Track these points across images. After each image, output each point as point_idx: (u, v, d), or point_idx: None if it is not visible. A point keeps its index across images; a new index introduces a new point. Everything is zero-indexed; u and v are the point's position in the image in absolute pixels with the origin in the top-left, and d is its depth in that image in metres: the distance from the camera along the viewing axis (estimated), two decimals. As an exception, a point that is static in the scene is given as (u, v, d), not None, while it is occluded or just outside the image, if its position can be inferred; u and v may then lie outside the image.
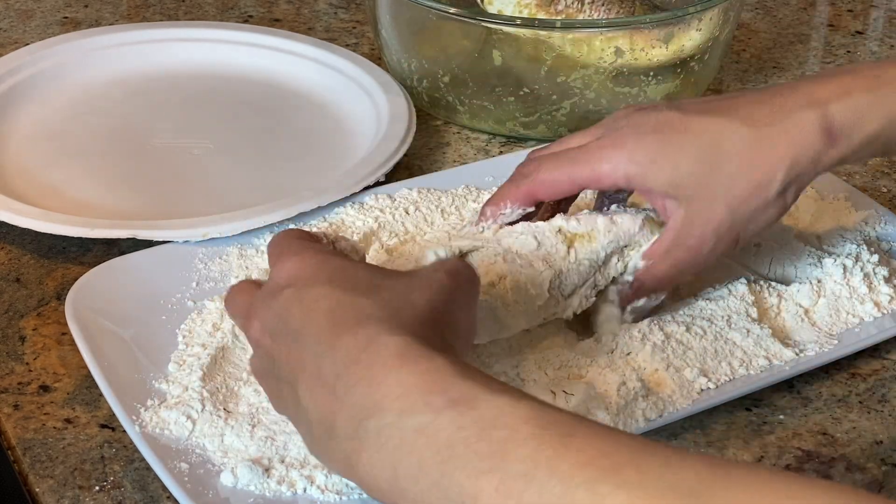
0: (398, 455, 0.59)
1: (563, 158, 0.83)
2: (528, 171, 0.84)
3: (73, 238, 0.96)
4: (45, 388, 0.85)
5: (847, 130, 0.80)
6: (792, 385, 0.86)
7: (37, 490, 0.78)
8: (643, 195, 0.84)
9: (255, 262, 0.92)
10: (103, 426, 0.82)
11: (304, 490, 0.75)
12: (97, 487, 0.78)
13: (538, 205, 0.85)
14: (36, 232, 0.96)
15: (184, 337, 0.86)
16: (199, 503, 0.73)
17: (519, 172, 0.85)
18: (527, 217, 0.84)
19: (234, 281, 0.90)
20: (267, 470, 0.76)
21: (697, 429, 0.83)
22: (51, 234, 0.96)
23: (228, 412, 0.79)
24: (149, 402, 0.80)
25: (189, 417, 0.79)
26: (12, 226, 0.96)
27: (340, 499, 0.75)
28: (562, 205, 0.88)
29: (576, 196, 0.87)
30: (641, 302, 0.84)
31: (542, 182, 0.83)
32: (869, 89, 0.80)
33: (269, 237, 0.94)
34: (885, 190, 1.08)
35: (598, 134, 0.83)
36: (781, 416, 0.84)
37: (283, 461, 0.76)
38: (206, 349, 0.84)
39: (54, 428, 0.82)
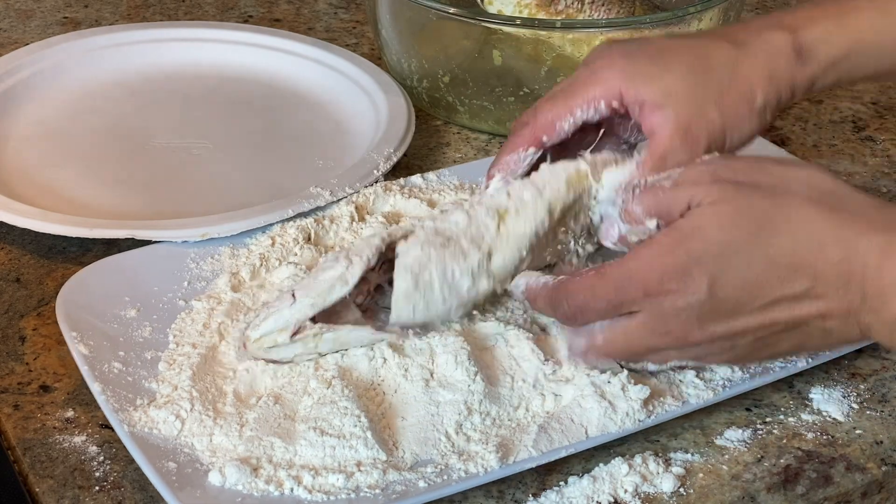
0: None
1: (558, 94, 0.85)
2: (526, 118, 0.86)
3: (72, 238, 0.96)
4: (45, 388, 0.85)
5: (815, 51, 0.84)
6: (792, 385, 0.86)
7: (37, 490, 0.78)
8: (635, 111, 0.83)
9: (246, 262, 0.92)
10: (103, 426, 0.82)
11: (292, 490, 0.75)
12: (97, 487, 0.78)
13: (547, 152, 0.85)
14: (36, 232, 0.96)
15: (174, 336, 0.86)
16: (186, 502, 0.73)
17: (518, 123, 0.86)
18: (536, 166, 0.84)
19: (225, 280, 0.90)
20: (255, 469, 0.76)
21: (697, 429, 0.83)
22: (50, 235, 0.96)
23: (217, 412, 0.80)
24: (138, 402, 0.80)
25: (178, 417, 0.79)
26: (12, 226, 0.96)
27: (328, 498, 0.75)
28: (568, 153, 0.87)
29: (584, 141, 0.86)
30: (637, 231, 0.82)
31: (542, 122, 0.84)
32: (832, 16, 0.85)
33: (262, 237, 0.94)
34: (885, 190, 1.08)
35: (586, 69, 0.85)
36: (781, 416, 0.84)
37: (270, 461, 0.76)
38: (196, 349, 0.84)
39: (54, 428, 0.82)
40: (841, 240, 0.72)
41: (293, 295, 0.81)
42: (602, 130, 0.86)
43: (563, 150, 0.85)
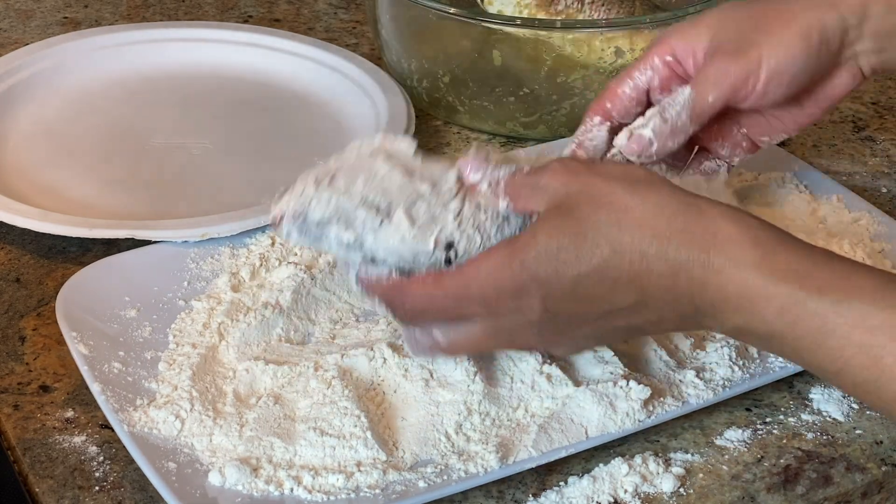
0: None
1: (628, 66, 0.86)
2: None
3: (72, 238, 0.96)
4: (45, 388, 0.85)
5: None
6: (792, 385, 0.86)
7: (37, 490, 0.78)
8: (688, 63, 0.83)
9: (246, 262, 0.92)
10: (103, 426, 0.82)
11: (292, 490, 0.75)
12: (97, 487, 0.78)
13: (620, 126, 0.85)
14: (36, 232, 0.96)
15: (174, 336, 0.86)
16: (186, 502, 0.73)
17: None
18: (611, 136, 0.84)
19: (225, 280, 0.90)
20: (255, 470, 0.76)
21: (697, 429, 0.83)
22: (50, 235, 0.96)
23: (217, 412, 0.80)
24: (138, 402, 0.80)
25: (178, 417, 0.79)
26: (12, 226, 0.96)
27: (328, 498, 0.75)
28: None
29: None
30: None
31: (607, 91, 0.85)
32: None
33: (262, 237, 0.94)
34: (884, 190, 1.08)
35: None
36: (781, 416, 0.84)
37: (270, 461, 0.76)
38: (196, 349, 0.84)
39: (54, 428, 0.82)
40: (662, 259, 0.71)
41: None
42: (696, 148, 0.87)
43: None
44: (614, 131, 0.84)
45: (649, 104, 0.84)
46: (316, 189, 0.77)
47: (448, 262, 0.75)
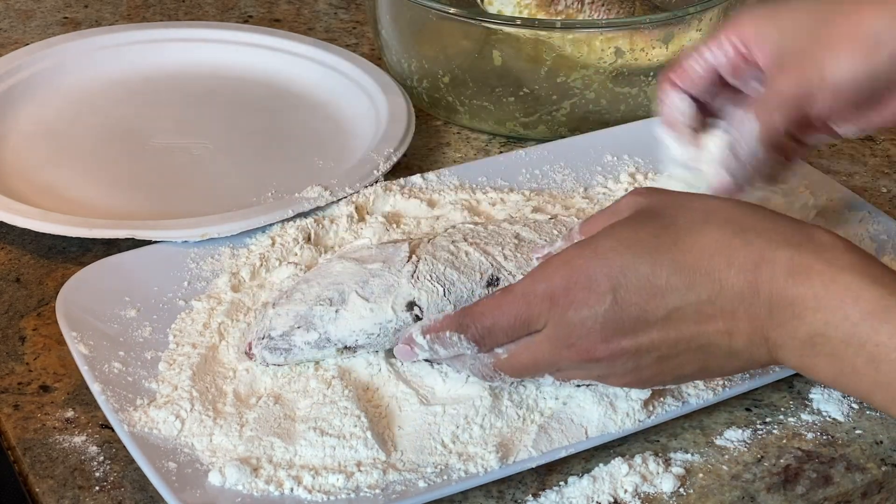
0: None
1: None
2: None
3: (72, 238, 0.96)
4: (45, 388, 0.85)
5: None
6: (792, 385, 0.86)
7: (37, 490, 0.78)
8: (757, 55, 0.83)
9: (246, 262, 0.92)
10: (103, 426, 0.82)
11: (292, 490, 0.75)
12: (97, 487, 0.78)
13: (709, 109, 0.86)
14: (36, 232, 0.96)
15: (174, 336, 0.86)
16: (186, 502, 0.73)
17: None
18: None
19: (225, 280, 0.90)
20: (255, 469, 0.76)
21: (697, 429, 0.83)
22: (50, 235, 0.96)
23: (217, 412, 0.80)
24: (138, 402, 0.80)
25: (178, 417, 0.79)
26: (12, 226, 0.96)
27: (328, 498, 0.75)
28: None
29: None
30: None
31: (678, 64, 0.85)
32: None
33: (262, 237, 0.94)
34: (884, 190, 1.08)
35: None
36: (781, 416, 0.84)
37: (270, 461, 0.76)
38: (196, 349, 0.84)
39: (54, 428, 0.82)
40: (747, 248, 0.69)
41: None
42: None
43: None
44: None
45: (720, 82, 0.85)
46: (274, 309, 0.82)
47: (417, 318, 0.80)
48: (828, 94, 0.79)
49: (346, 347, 0.81)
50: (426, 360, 0.80)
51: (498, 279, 0.81)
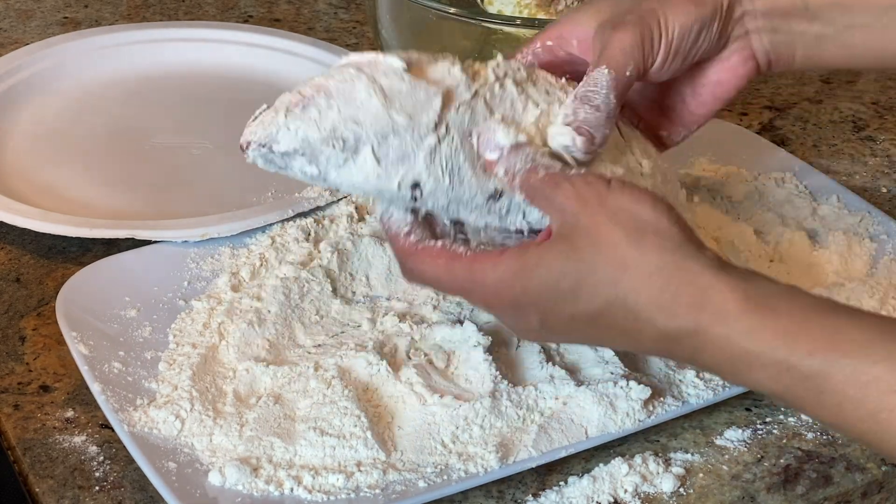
0: None
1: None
2: None
3: (72, 238, 0.96)
4: (45, 388, 0.85)
5: None
6: (792, 385, 0.86)
7: (37, 490, 0.78)
8: (572, 44, 0.83)
9: (246, 262, 0.92)
10: (103, 426, 0.82)
11: (292, 490, 0.75)
12: (97, 487, 0.78)
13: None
14: (36, 232, 0.96)
15: (174, 336, 0.86)
16: (186, 502, 0.73)
17: None
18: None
19: (225, 280, 0.90)
20: (255, 469, 0.76)
21: (697, 429, 0.83)
22: (50, 235, 0.96)
23: (217, 412, 0.80)
24: (138, 402, 0.80)
25: (178, 417, 0.79)
26: (12, 226, 0.96)
27: (328, 498, 0.75)
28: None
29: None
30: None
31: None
32: None
33: (262, 237, 0.94)
34: (884, 190, 1.08)
35: None
36: (781, 416, 0.84)
37: (270, 461, 0.76)
38: (196, 349, 0.84)
39: (54, 428, 0.82)
40: (654, 323, 0.71)
41: None
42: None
43: None
44: None
45: None
46: (286, 118, 0.75)
47: (414, 199, 0.75)
48: (665, 44, 0.80)
49: (336, 191, 0.76)
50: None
51: (501, 194, 0.76)
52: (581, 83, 0.78)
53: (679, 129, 0.86)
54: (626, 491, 0.78)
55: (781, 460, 0.81)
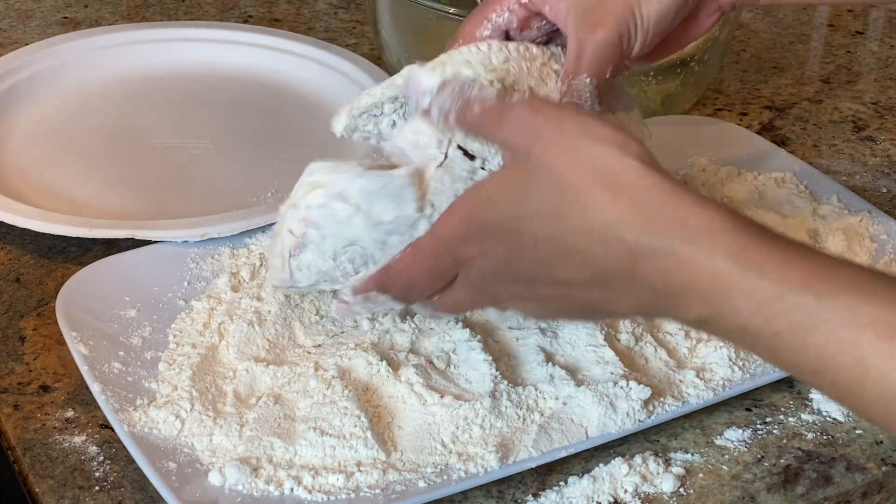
0: None
1: (477, 7, 0.85)
2: (453, 37, 0.86)
3: (72, 238, 0.96)
4: (45, 388, 0.85)
5: None
6: (792, 385, 0.86)
7: (37, 490, 0.78)
8: (544, 8, 0.82)
9: (246, 262, 0.92)
10: (103, 426, 0.82)
11: (292, 490, 0.75)
12: (97, 487, 0.78)
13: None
14: (36, 232, 0.96)
15: (174, 336, 0.86)
16: (186, 502, 0.73)
17: (448, 44, 0.86)
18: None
19: (225, 280, 0.90)
20: (255, 469, 0.76)
21: (697, 429, 0.83)
22: (50, 235, 0.96)
23: (217, 412, 0.80)
24: (138, 402, 0.80)
25: (178, 417, 0.79)
26: (12, 226, 0.96)
27: (328, 498, 0.75)
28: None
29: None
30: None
31: (462, 33, 0.85)
32: None
33: (262, 237, 0.94)
34: (885, 190, 1.08)
35: None
36: (781, 416, 0.84)
37: (270, 461, 0.76)
38: (196, 349, 0.84)
39: (54, 428, 0.82)
40: (621, 239, 0.66)
41: None
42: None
43: None
44: None
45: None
46: (291, 264, 0.80)
47: None
48: (643, 32, 0.80)
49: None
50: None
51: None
52: (563, 91, 0.78)
53: (637, 64, 0.85)
54: (626, 491, 0.78)
55: (781, 460, 0.82)
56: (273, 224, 0.94)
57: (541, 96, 0.79)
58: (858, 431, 0.83)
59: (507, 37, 0.84)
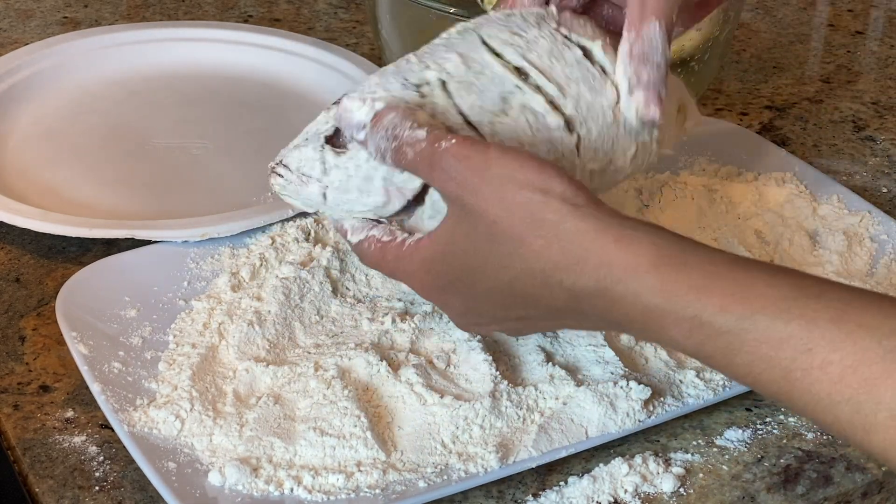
0: None
1: None
2: None
3: (72, 238, 0.96)
4: (45, 388, 0.85)
5: None
6: (792, 385, 0.86)
7: (37, 490, 0.78)
8: None
9: (246, 262, 0.92)
10: (103, 426, 0.82)
11: (292, 490, 0.75)
12: (97, 487, 0.78)
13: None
14: (36, 232, 0.96)
15: (174, 336, 0.86)
16: (186, 502, 0.73)
17: None
18: None
19: (225, 280, 0.90)
20: (255, 470, 0.76)
21: (697, 429, 0.83)
22: (50, 235, 0.96)
23: (217, 412, 0.80)
24: (138, 402, 0.80)
25: (178, 417, 0.79)
26: (12, 226, 0.96)
27: (328, 498, 0.75)
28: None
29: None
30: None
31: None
32: None
33: (262, 237, 0.94)
34: (885, 190, 1.08)
35: None
36: (781, 416, 0.84)
37: (270, 461, 0.76)
38: (196, 349, 0.84)
39: (54, 428, 0.82)
40: (559, 285, 0.70)
41: None
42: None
43: None
44: None
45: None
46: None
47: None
48: None
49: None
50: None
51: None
52: (629, 38, 0.75)
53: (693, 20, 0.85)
54: (626, 491, 0.78)
55: (781, 460, 0.81)
56: (270, 224, 0.95)
57: (555, 76, 0.77)
58: (858, 431, 0.83)
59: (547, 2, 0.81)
